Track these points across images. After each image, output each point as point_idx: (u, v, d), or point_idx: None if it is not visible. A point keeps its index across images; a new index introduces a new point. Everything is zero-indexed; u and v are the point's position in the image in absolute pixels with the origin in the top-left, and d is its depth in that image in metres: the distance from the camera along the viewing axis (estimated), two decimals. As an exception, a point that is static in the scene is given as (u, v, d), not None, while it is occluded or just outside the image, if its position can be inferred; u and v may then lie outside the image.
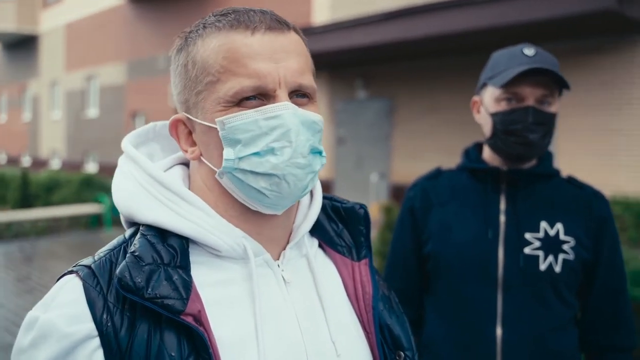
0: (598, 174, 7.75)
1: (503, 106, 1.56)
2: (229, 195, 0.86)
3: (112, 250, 0.83)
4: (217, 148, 0.83)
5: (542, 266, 1.54)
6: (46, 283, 6.78)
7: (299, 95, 0.84)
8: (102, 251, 0.84)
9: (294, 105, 0.82)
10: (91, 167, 21.22)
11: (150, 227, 0.83)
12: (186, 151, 0.88)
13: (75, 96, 22.88)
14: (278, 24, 0.83)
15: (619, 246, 1.62)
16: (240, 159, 0.81)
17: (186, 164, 0.96)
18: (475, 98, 1.70)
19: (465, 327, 1.58)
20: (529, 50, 1.55)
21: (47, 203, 11.25)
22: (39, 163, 23.98)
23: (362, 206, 1.01)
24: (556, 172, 1.66)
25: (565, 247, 1.55)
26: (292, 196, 0.83)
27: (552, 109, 1.55)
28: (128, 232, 0.87)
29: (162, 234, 0.82)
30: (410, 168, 11.51)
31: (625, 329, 1.60)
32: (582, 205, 1.61)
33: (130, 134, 0.96)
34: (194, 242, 0.84)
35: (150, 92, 18.91)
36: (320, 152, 0.86)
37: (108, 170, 19.47)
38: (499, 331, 1.54)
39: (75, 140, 22.85)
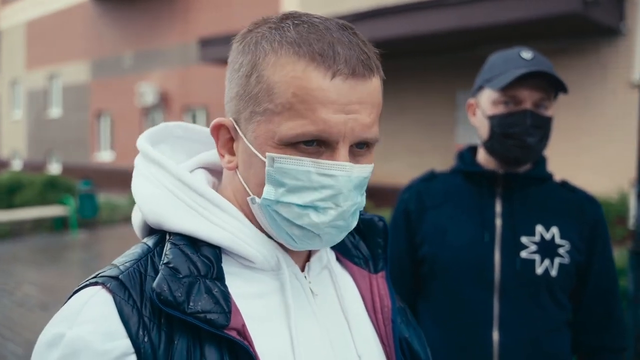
0: (565, 174, 7.90)
1: (501, 109, 1.56)
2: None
3: (138, 260, 0.77)
4: (257, 176, 0.78)
5: (539, 270, 1.54)
6: (11, 288, 6.57)
7: (359, 145, 0.78)
8: (125, 261, 0.77)
9: (352, 165, 0.76)
10: (54, 168, 20.70)
11: (181, 236, 0.79)
12: (223, 156, 0.83)
13: (36, 95, 22.29)
14: (363, 68, 0.75)
15: (611, 249, 1.64)
16: (279, 202, 0.76)
17: (207, 168, 0.92)
18: (471, 100, 1.69)
19: (462, 331, 1.57)
20: (527, 54, 1.55)
21: (9, 205, 10.90)
22: (-1, 164, 23.27)
23: (381, 218, 0.98)
24: (550, 176, 1.67)
25: (561, 250, 1.56)
26: (320, 247, 0.81)
27: (549, 112, 1.56)
28: (150, 240, 0.82)
29: (194, 243, 0.78)
30: (380, 168, 11.57)
31: (617, 329, 1.62)
32: (575, 209, 1.63)
33: (144, 133, 0.90)
34: (224, 252, 0.80)
35: (115, 91, 18.55)
36: (359, 211, 0.82)
37: (72, 171, 19.01)
38: (495, 334, 1.54)
39: (37, 141, 22.25)
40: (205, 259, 0.77)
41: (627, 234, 7.07)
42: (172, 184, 0.82)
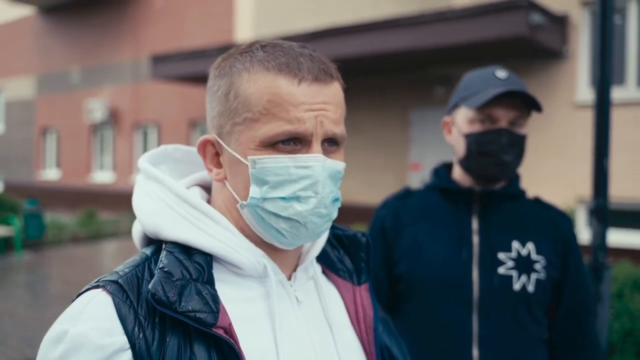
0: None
1: (477, 127, 1.58)
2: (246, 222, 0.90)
3: (136, 266, 0.85)
4: (243, 181, 0.87)
5: (516, 286, 1.56)
6: (-50, 314, 6.21)
7: (330, 143, 0.89)
8: (124, 267, 0.85)
9: (324, 157, 0.86)
10: (-4, 187, 19.85)
11: (175, 244, 0.86)
12: (211, 170, 0.92)
13: (-22, 111, 21.39)
14: (324, 74, 0.87)
15: (583, 264, 1.68)
16: (265, 199, 0.85)
17: (201, 186, 1.00)
18: (447, 119, 1.71)
19: (441, 349, 1.57)
20: (501, 73, 1.59)
21: (-52, 226, 10.37)
22: None
23: (365, 234, 1.07)
24: (523, 193, 1.71)
25: (537, 266, 1.58)
26: (307, 239, 0.89)
27: (523, 130, 1.60)
28: (148, 249, 0.89)
29: (187, 251, 0.85)
30: (335, 185, 11.62)
31: (591, 345, 1.65)
32: (549, 225, 1.66)
33: (145, 155, 0.98)
34: (216, 260, 0.88)
35: (62, 107, 18.02)
36: (338, 199, 0.91)
37: (16, 189, 18.28)
38: (475, 352, 1.54)
39: (-22, 158, 21.31)
40: (197, 264, 0.84)
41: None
42: (169, 198, 0.89)
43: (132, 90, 16.02)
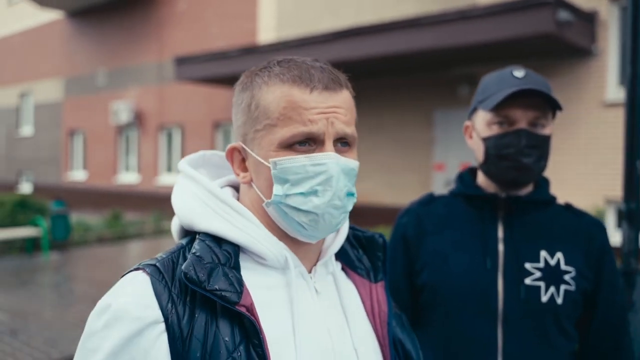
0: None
1: (495, 130, 1.52)
2: (271, 219, 0.99)
3: (172, 253, 0.97)
4: (267, 180, 0.97)
5: (544, 298, 1.48)
6: (-22, 314, 6.32)
7: (342, 143, 0.98)
8: (163, 254, 0.96)
9: (337, 154, 0.95)
10: (25, 188, 20.24)
11: (207, 235, 0.97)
12: (238, 175, 1.03)
13: (8, 113, 21.88)
14: (333, 83, 0.97)
15: (619, 277, 1.59)
16: (287, 195, 0.95)
17: (234, 186, 1.10)
18: (467, 123, 1.65)
19: None
20: (519, 72, 1.51)
21: (-22, 227, 10.58)
22: (-33, 184, 22.67)
23: (381, 235, 1.15)
24: (553, 199, 1.62)
25: (567, 277, 1.50)
26: (326, 231, 0.98)
27: (546, 131, 1.51)
28: (184, 240, 1.01)
29: (217, 240, 0.96)
30: (357, 187, 11.54)
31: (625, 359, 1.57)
32: (582, 234, 1.57)
33: (185, 158, 1.10)
34: (243, 251, 0.98)
35: (89, 109, 18.30)
36: (353, 194, 0.99)
37: (44, 191, 18.62)
38: None
39: (8, 160, 21.79)
40: (225, 252, 0.95)
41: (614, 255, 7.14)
42: (203, 194, 1.01)
43: (156, 92, 16.19)
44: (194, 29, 15.27)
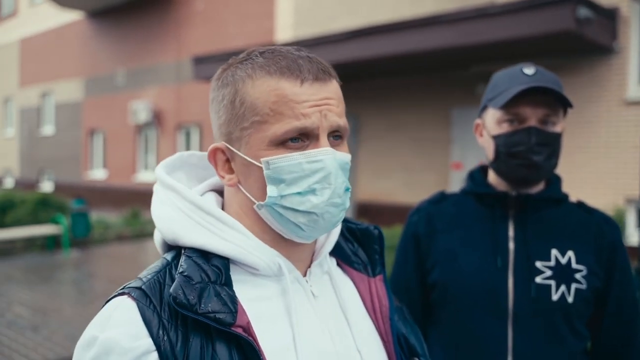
0: (560, 191, 7.91)
1: (505, 128, 1.51)
2: (264, 222, 0.93)
3: (158, 272, 0.89)
4: (257, 182, 0.90)
5: (555, 296, 1.47)
6: (1, 309, 6.44)
7: (335, 137, 0.93)
8: (147, 274, 0.89)
9: (333, 150, 0.90)
10: (47, 186, 20.54)
11: (194, 249, 0.90)
12: (223, 177, 0.95)
13: (29, 113, 22.20)
14: (323, 74, 0.91)
15: (631, 275, 1.57)
16: (282, 196, 0.88)
17: (217, 190, 1.03)
18: (478, 121, 1.65)
19: None
20: (529, 70, 1.51)
21: (0, 224, 10.76)
22: (-10, 182, 23.07)
23: (377, 227, 1.10)
24: (565, 197, 1.61)
25: (578, 276, 1.49)
26: (325, 229, 0.93)
27: (557, 128, 1.51)
28: (169, 255, 0.94)
29: (205, 255, 0.90)
30: (375, 186, 11.54)
31: (638, 359, 1.55)
32: (593, 231, 1.56)
33: (162, 163, 1.03)
34: (233, 262, 0.92)
35: (108, 109, 18.50)
36: (349, 189, 0.93)
37: (65, 189, 18.88)
38: None
39: (29, 159, 22.12)
40: (215, 267, 0.88)
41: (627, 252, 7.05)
42: (185, 206, 0.94)
43: (174, 92, 16.31)
44: (211, 28, 15.35)
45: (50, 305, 6.68)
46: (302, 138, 0.89)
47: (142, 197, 16.69)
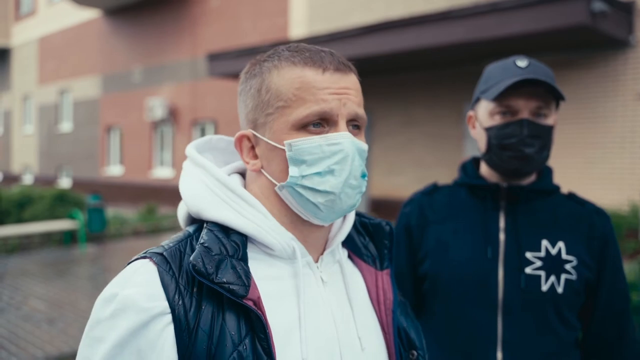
0: (574, 187, 7.83)
1: (497, 120, 1.52)
2: (284, 204, 0.99)
3: (179, 242, 0.95)
4: (280, 164, 0.96)
5: (544, 287, 1.48)
6: (18, 303, 6.56)
7: (353, 126, 0.99)
8: (170, 242, 0.95)
9: (351, 134, 0.96)
10: (65, 182, 20.82)
11: (215, 224, 0.96)
12: (247, 163, 1.01)
13: (48, 110, 22.51)
14: (343, 66, 0.98)
15: (622, 265, 1.57)
16: (303, 176, 0.94)
17: (241, 173, 1.10)
18: (470, 113, 1.66)
19: (464, 352, 1.52)
20: (522, 62, 1.51)
21: (19, 220, 10.94)
22: (10, 178, 23.44)
23: (388, 223, 1.15)
24: (556, 188, 1.61)
25: (568, 266, 1.50)
26: (341, 211, 0.97)
27: (549, 121, 1.51)
28: (191, 227, 1.00)
29: (225, 230, 0.95)
30: (388, 181, 11.53)
31: (629, 350, 1.55)
32: (584, 223, 1.56)
33: (192, 142, 1.08)
34: (251, 241, 0.97)
35: (125, 105, 18.68)
36: (365, 175, 0.98)
37: (82, 185, 19.12)
38: (499, 356, 1.48)
39: (48, 155, 22.43)
40: (233, 243, 0.94)
41: (639, 247, 6.97)
42: (212, 183, 0.99)
43: (190, 88, 16.43)
44: (226, 25, 15.42)
45: (66, 299, 6.79)
46: (323, 123, 0.95)
47: (158, 192, 16.84)
